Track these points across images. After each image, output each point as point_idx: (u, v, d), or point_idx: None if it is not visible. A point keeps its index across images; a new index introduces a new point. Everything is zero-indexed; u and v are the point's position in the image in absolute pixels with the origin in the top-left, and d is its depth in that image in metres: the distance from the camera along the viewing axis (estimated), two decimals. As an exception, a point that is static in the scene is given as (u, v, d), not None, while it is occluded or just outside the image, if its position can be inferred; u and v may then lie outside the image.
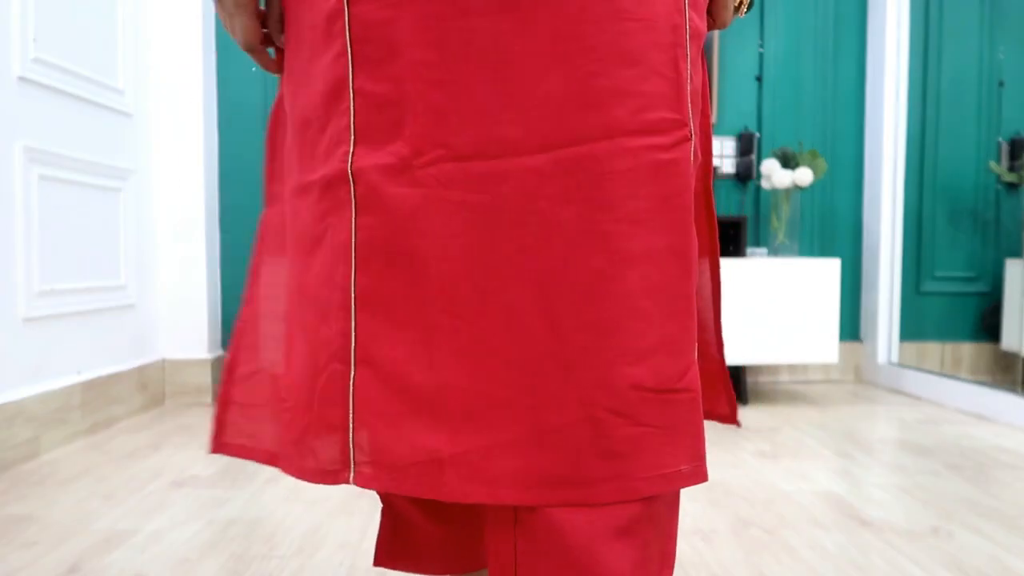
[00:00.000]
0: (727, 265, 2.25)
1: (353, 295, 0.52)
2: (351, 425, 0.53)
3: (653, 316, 0.50)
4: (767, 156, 2.69)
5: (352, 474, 0.53)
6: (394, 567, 0.74)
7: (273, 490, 1.48)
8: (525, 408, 0.50)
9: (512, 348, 0.50)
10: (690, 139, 0.51)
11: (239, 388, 0.65)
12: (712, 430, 2.00)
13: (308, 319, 0.56)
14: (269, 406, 0.63)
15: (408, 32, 0.49)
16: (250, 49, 0.61)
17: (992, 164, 2.74)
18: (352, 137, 0.52)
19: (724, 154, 2.72)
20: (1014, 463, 1.68)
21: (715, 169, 2.69)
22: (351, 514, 1.34)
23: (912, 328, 2.78)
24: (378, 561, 0.74)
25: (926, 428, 2.04)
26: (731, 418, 0.69)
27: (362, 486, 0.53)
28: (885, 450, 1.81)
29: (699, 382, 0.53)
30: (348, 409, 0.53)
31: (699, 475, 0.52)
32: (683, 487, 0.52)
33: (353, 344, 0.53)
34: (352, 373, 0.53)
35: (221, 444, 0.65)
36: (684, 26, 0.51)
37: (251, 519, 1.32)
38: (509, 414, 0.50)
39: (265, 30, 0.61)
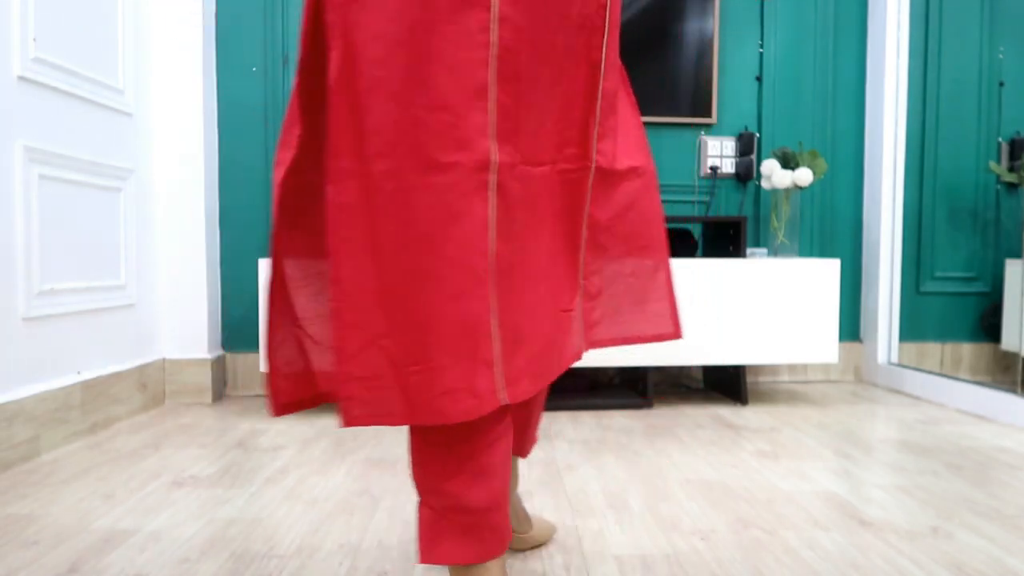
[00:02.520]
0: (728, 265, 2.25)
1: (493, 261, 0.69)
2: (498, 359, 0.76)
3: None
4: (767, 156, 2.69)
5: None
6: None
7: (273, 490, 1.48)
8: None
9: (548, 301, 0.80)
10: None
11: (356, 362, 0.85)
12: (712, 430, 2.00)
13: (455, 279, 0.69)
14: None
15: (516, 65, 0.67)
16: None
17: (992, 164, 2.74)
18: (492, 133, 0.67)
19: (724, 154, 2.72)
20: (1014, 463, 1.68)
21: (715, 169, 2.69)
22: (351, 514, 1.34)
23: (912, 328, 2.78)
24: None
25: (926, 428, 2.04)
26: (669, 335, 0.92)
27: None
28: (885, 450, 1.81)
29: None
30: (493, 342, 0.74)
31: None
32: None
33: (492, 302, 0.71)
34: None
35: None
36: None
37: (251, 519, 1.32)
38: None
39: None
